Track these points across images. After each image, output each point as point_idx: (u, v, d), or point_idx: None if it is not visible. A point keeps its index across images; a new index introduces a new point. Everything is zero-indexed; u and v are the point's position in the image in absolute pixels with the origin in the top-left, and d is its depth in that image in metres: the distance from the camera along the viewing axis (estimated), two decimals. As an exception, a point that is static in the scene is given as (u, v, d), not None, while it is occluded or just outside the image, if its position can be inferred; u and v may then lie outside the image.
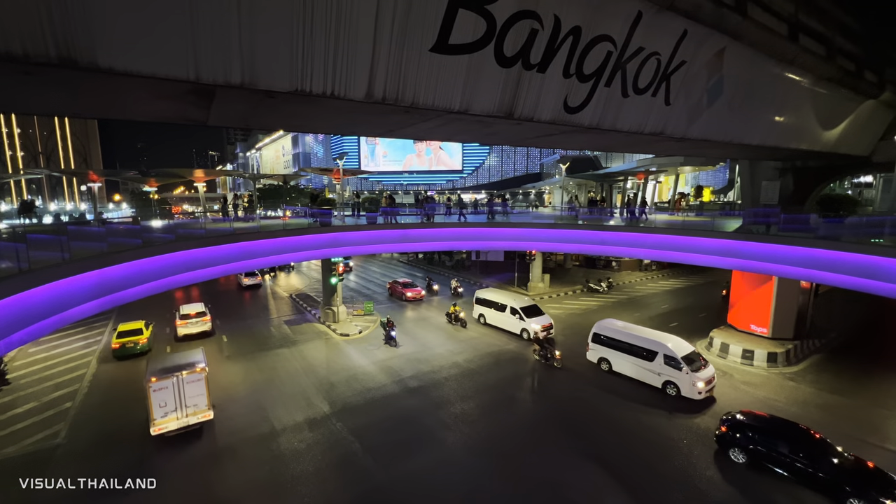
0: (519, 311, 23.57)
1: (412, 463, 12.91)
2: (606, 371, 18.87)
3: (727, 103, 12.61)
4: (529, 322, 23.03)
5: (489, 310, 25.45)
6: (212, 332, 24.10)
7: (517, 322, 23.64)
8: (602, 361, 19.15)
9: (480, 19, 7.31)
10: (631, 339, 18.15)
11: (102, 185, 57.36)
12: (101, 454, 13.31)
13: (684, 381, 16.29)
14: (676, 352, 16.68)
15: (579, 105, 9.87)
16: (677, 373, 16.46)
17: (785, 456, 11.99)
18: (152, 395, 13.69)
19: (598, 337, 19.37)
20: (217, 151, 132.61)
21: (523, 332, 23.34)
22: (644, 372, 17.58)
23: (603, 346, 19.06)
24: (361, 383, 18.10)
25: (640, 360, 17.68)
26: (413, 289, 31.83)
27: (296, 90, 6.40)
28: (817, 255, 14.81)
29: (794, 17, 12.66)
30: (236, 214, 24.73)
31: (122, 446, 13.75)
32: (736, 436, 12.90)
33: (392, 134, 12.59)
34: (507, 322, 24.33)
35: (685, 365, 16.27)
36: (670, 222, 23.52)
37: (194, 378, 14.32)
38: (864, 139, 19.27)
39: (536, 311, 23.83)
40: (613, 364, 18.71)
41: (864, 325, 24.54)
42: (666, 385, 16.86)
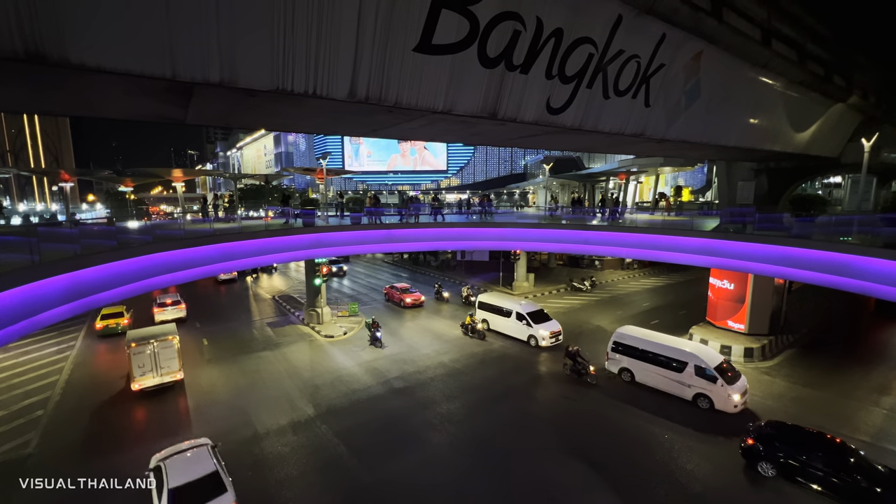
0: (526, 317, 22.43)
1: (398, 464, 12.86)
2: (628, 382, 17.77)
3: (704, 105, 12.94)
4: (538, 328, 22.03)
5: (493, 315, 24.20)
6: (186, 318, 26.64)
7: (524, 328, 22.55)
8: (623, 372, 18.01)
9: (464, 20, 7.33)
10: (656, 349, 17.00)
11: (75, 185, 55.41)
12: (73, 464, 12.86)
13: (719, 394, 15.25)
14: (709, 362, 15.61)
15: (562, 106, 9.99)
16: (711, 385, 15.38)
17: (819, 469, 11.26)
18: (132, 357, 16.54)
19: (618, 346, 18.15)
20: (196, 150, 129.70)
21: (530, 339, 22.29)
22: (672, 384, 16.45)
23: (624, 355, 17.90)
24: (346, 385, 17.94)
25: (667, 370, 16.57)
26: (412, 294, 29.99)
27: (277, 89, 6.31)
28: (790, 254, 15.31)
29: (767, 22, 13.08)
30: (216, 215, 24.21)
31: (96, 456, 13.33)
32: (765, 448, 12.15)
33: (376, 134, 12.53)
34: (512, 328, 23.24)
35: (720, 377, 15.24)
36: (651, 222, 24.02)
37: (167, 345, 17.23)
38: (833, 141, 20.02)
39: (544, 317, 22.84)
40: (637, 374, 17.58)
41: (834, 321, 25.49)
42: (697, 398, 15.80)
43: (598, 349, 21.40)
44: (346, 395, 17.12)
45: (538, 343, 21.89)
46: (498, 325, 23.86)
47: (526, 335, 22.48)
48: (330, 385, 17.95)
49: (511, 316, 23.18)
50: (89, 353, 21.91)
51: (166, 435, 14.20)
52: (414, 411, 15.82)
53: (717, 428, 14.53)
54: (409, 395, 17.08)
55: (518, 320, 22.77)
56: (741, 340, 20.76)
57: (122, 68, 5.27)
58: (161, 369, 17.05)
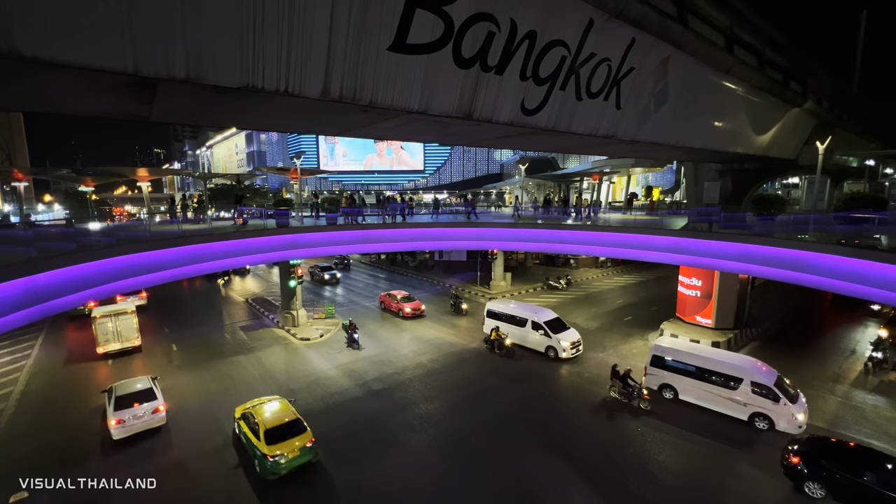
0: (543, 327, 20.60)
1: (376, 466, 12.75)
2: (671, 400, 16.26)
3: (672, 108, 13.39)
4: (558, 338, 20.14)
5: (505, 325, 21.98)
6: (146, 305, 28.70)
7: (541, 339, 20.71)
8: (665, 389, 16.45)
9: (438, 20, 7.33)
10: (704, 363, 15.56)
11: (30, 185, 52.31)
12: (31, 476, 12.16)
13: (781, 413, 13.92)
14: (766, 378, 14.34)
15: (536, 107, 10.14)
16: (771, 404, 14.03)
17: (874, 487, 10.38)
18: (97, 327, 20.45)
19: (659, 360, 16.62)
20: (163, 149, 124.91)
21: (549, 351, 20.50)
22: (724, 402, 15.00)
23: (666, 370, 16.37)
24: (323, 388, 17.65)
25: (717, 387, 15.12)
26: (412, 302, 27.25)
27: (247, 86, 6.15)
28: (753, 251, 16.04)
29: (730, 29, 13.65)
30: (185, 216, 23.37)
31: (56, 469, 12.62)
32: (812, 467, 11.19)
33: (351, 133, 12.38)
34: (528, 339, 21.28)
35: (782, 395, 13.96)
36: (624, 221, 24.68)
37: (126, 318, 21.02)
38: (791, 144, 21.08)
39: (562, 325, 21.15)
40: (681, 392, 16.08)
41: (794, 314, 26.85)
42: (754, 418, 14.44)
43: (574, 346, 21.89)
44: (322, 398, 16.84)
45: (558, 354, 20.13)
46: (513, 337, 21.55)
47: (544, 346, 20.71)
48: (306, 389, 17.62)
49: (526, 325, 21.36)
50: (48, 364, 20.73)
51: (133, 443, 13.64)
52: (392, 413, 15.71)
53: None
54: (388, 396, 16.95)
55: (535, 330, 21.00)
56: (709, 334, 21.58)
57: (79, 62, 5.01)
58: (122, 337, 20.91)
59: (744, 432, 14.28)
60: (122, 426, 13.69)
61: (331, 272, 37.80)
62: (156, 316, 27.79)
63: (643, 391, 15.85)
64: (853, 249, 13.20)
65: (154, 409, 14.33)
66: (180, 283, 36.43)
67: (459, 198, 50.23)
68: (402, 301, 27.37)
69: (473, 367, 19.75)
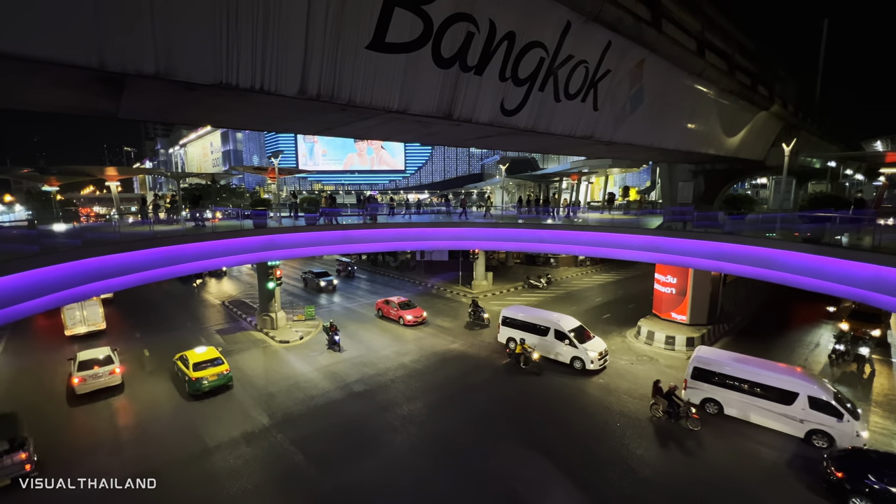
0: (568, 336, 19.09)
1: (359, 469, 12.62)
2: (714, 415, 15.11)
3: (648, 110, 13.72)
4: (585, 348, 18.71)
5: (524, 334, 20.17)
6: (112, 299, 29.78)
7: (566, 349, 19.16)
8: (707, 403, 15.28)
9: (417, 19, 7.30)
10: (752, 376, 14.46)
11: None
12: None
13: (844, 432, 12.72)
14: (825, 393, 13.26)
15: (515, 108, 10.22)
16: (833, 421, 12.86)
17: None
18: (66, 311, 22.85)
19: (700, 373, 15.35)
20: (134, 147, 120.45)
21: (575, 362, 18.92)
22: (777, 417, 13.94)
23: (709, 383, 15.20)
24: (304, 391, 17.37)
25: (769, 402, 14.07)
26: (412, 309, 25.47)
27: (220, 83, 5.97)
28: (725, 249, 16.59)
29: (702, 34, 14.08)
30: (157, 216, 22.60)
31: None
32: (857, 482, 10.49)
33: (330, 132, 12.22)
34: (550, 349, 19.66)
35: (845, 412, 12.82)
36: (601, 220, 25.17)
37: (92, 303, 23.48)
38: (759, 146, 21.91)
39: (586, 334, 19.76)
40: (726, 406, 14.95)
41: (763, 309, 27.93)
42: (812, 435, 13.30)
43: (555, 344, 22.17)
44: (303, 401, 16.57)
45: (585, 366, 18.57)
46: (533, 346, 19.61)
47: (569, 357, 19.10)
48: (286, 392, 17.30)
49: (548, 334, 19.70)
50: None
51: (100, 453, 13.14)
52: (374, 415, 15.59)
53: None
54: (370, 398, 16.81)
55: (558, 339, 19.43)
56: (684, 330, 22.21)
57: (40, 56, 4.77)
58: (88, 321, 23.54)
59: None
60: (84, 383, 16.62)
61: (327, 279, 34.29)
62: (127, 320, 26.82)
63: (692, 409, 14.42)
64: (816, 247, 13.80)
65: (111, 371, 17.14)
66: (153, 286, 35.22)
67: (441, 198, 50.25)
68: (401, 308, 25.54)
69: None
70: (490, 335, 23.41)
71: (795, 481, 11.92)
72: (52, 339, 23.32)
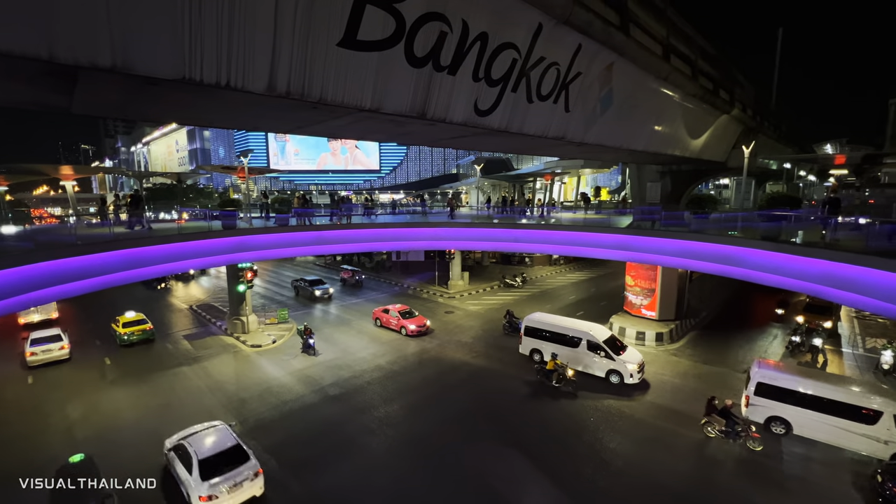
0: (604, 347, 17.50)
1: (335, 474, 12.40)
2: (782, 435, 13.79)
3: (617, 112, 14.10)
4: (623, 361, 17.21)
5: (550, 345, 18.53)
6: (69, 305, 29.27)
7: (601, 361, 17.57)
8: (773, 422, 13.97)
9: (389, 17, 7.25)
10: (828, 393, 13.19)
11: (-73, 184, 46.16)
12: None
13: None
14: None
15: (489, 108, 10.30)
16: None
17: None
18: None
19: (766, 389, 14.05)
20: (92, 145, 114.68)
21: (611, 376, 17.32)
22: (856, 438, 12.73)
23: (776, 400, 13.89)
24: (277, 396, 16.93)
25: (848, 421, 12.81)
26: (413, 318, 23.70)
27: (183, 78, 5.73)
28: (690, 247, 17.24)
29: (667, 39, 14.59)
30: (118, 217, 21.53)
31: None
32: None
33: (301, 131, 11.97)
34: (582, 361, 18.02)
35: None
36: (574, 220, 25.70)
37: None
38: (721, 148, 22.90)
39: (619, 344, 18.34)
40: (795, 426, 13.64)
41: (726, 304, 29.21)
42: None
43: (530, 342, 22.43)
44: (276, 406, 16.15)
45: (623, 380, 17.12)
46: (562, 358, 17.93)
47: (604, 371, 17.57)
48: (258, 397, 16.83)
49: (579, 345, 18.11)
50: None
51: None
52: (350, 417, 15.37)
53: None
54: (346, 401, 16.56)
55: (591, 351, 17.84)
56: (653, 326, 22.96)
57: (-19, 45, 4.46)
58: (41, 309, 25.09)
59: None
60: (35, 356, 19.44)
61: (321, 287, 31.26)
62: (84, 327, 25.44)
63: (751, 428, 13.34)
64: (774, 244, 14.51)
65: (60, 346, 20.07)
66: (114, 290, 33.54)
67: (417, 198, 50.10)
68: (402, 317, 23.64)
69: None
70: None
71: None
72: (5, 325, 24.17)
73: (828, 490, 11.62)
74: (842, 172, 27.34)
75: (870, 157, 25.45)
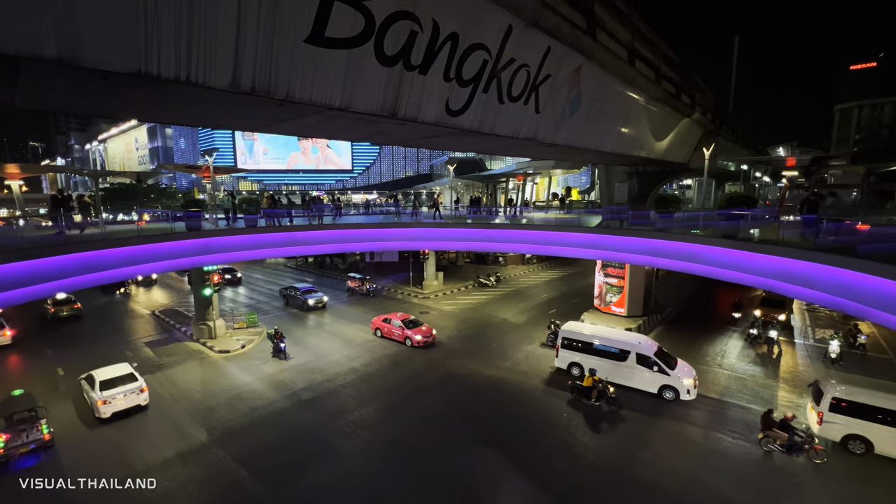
0: (656, 361, 16.01)
1: (309, 480, 12.13)
2: (860, 455, 12.70)
3: (585, 114, 14.44)
4: (679, 377, 15.73)
5: (593, 358, 17.06)
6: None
7: (652, 377, 16.05)
8: (851, 440, 12.80)
9: (358, 14, 7.14)
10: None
11: None
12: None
13: None
14: None
15: (460, 108, 10.33)
16: None
17: None
18: None
19: (843, 404, 12.79)
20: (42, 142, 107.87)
21: (665, 392, 15.87)
22: None
23: (852, 416, 12.70)
24: (246, 403, 16.40)
25: None
26: (418, 327, 21.91)
27: (139, 72, 5.44)
28: (656, 245, 17.87)
29: (632, 44, 15.06)
30: (72, 219, 20.26)
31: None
32: None
33: (268, 129, 11.64)
34: (630, 376, 16.51)
35: None
36: (546, 220, 26.16)
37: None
38: (683, 150, 23.85)
39: (670, 357, 16.82)
40: (877, 444, 12.46)
41: (690, 300, 30.46)
42: None
43: (506, 341, 22.71)
44: (245, 413, 15.64)
45: (679, 397, 15.69)
46: (606, 373, 16.46)
47: (656, 386, 16.07)
48: (226, 405, 16.25)
49: (627, 359, 16.57)
50: None
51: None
52: (324, 422, 15.07)
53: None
54: (318, 405, 16.23)
55: (641, 365, 16.28)
56: (622, 322, 23.64)
57: None
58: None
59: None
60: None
61: (315, 296, 28.60)
62: (35, 336, 23.85)
63: (814, 440, 12.66)
64: (732, 241, 15.25)
65: (2, 333, 21.98)
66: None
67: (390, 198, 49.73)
68: (406, 327, 21.78)
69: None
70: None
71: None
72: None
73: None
74: (793, 174, 29.01)
75: (817, 160, 27.17)
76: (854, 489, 11.62)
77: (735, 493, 11.46)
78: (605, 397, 15.19)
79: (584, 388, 15.58)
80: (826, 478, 12.08)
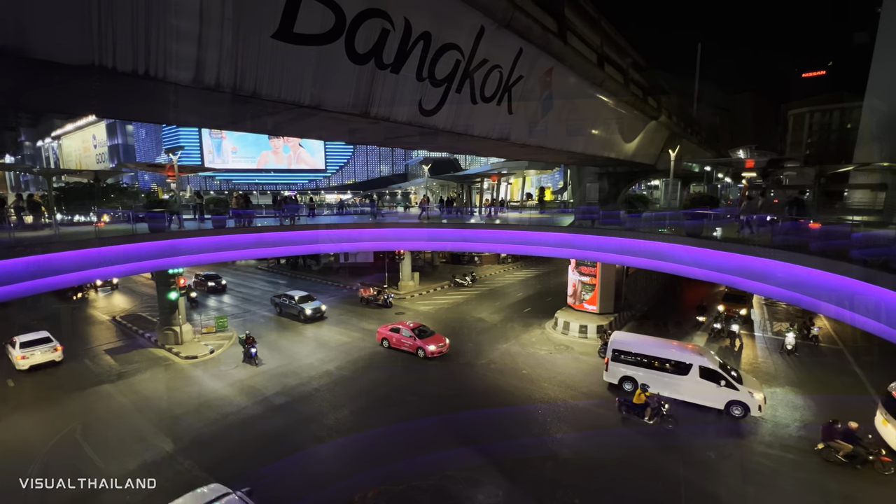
0: (724, 375, 14.58)
1: (282, 488, 11.82)
2: None
3: (557, 116, 14.72)
4: (749, 390, 14.39)
5: (649, 372, 15.69)
6: None
7: (718, 392, 14.58)
8: None
9: (328, 11, 7.01)
10: None
11: None
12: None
13: None
14: None
15: (434, 108, 10.32)
16: None
17: None
18: None
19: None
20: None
21: (732, 409, 14.39)
22: None
23: None
24: (216, 410, 15.84)
25: None
26: (430, 337, 20.42)
27: (92, 64, 5.15)
28: (626, 244, 18.38)
29: (601, 48, 15.46)
30: (21, 220, 19.02)
31: None
32: None
33: (236, 127, 11.29)
34: (691, 391, 15.07)
35: None
36: (521, 219, 26.48)
37: None
38: (650, 151, 24.68)
39: (733, 370, 15.52)
40: None
41: (659, 297, 31.52)
42: None
43: (482, 339, 22.86)
44: (215, 421, 15.10)
45: (749, 412, 14.25)
46: (662, 387, 15.21)
47: (723, 402, 14.59)
48: (194, 412, 15.64)
49: (689, 372, 15.09)
50: None
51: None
52: (297, 427, 14.72)
53: None
54: (292, 410, 15.84)
55: (706, 379, 14.80)
56: (595, 319, 24.22)
57: None
58: None
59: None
60: None
61: (313, 304, 25.98)
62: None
63: (881, 451, 11.93)
64: (697, 240, 15.86)
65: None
66: (17, 303, 29.65)
67: (366, 198, 49.22)
68: (417, 336, 20.24)
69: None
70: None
71: None
72: None
73: None
74: (752, 175, 30.52)
75: (774, 162, 28.73)
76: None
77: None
78: (660, 414, 14.06)
79: (636, 406, 14.20)
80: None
